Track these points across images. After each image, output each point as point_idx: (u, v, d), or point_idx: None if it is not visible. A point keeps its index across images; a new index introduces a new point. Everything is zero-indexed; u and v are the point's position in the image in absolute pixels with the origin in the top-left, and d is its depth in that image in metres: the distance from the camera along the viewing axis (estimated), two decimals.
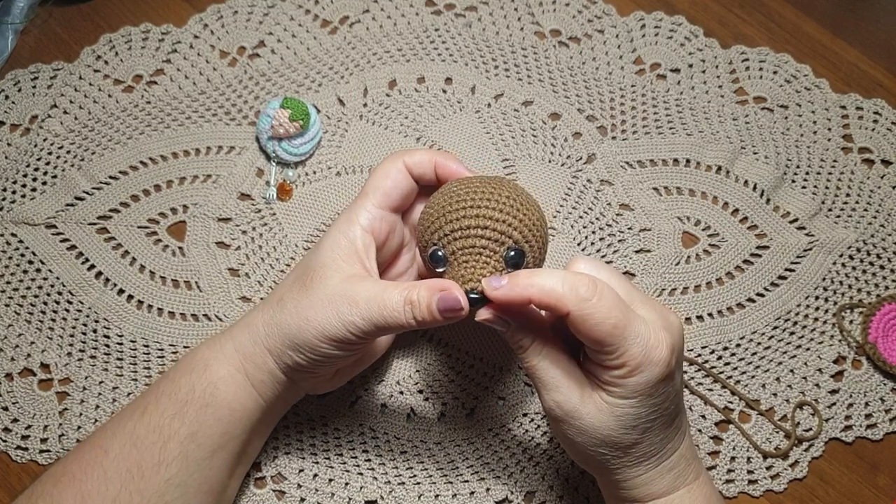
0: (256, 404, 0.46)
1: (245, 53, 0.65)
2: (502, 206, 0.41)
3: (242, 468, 0.49)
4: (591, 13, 0.66)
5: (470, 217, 0.41)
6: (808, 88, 0.64)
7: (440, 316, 0.40)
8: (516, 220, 0.41)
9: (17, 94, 0.63)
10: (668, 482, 0.42)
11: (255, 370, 0.45)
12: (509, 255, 0.40)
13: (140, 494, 0.42)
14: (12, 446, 0.53)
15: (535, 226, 0.41)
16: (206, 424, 0.44)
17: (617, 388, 0.39)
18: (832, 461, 0.54)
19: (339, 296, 0.42)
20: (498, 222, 0.40)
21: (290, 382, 0.47)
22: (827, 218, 0.60)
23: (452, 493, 0.52)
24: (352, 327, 0.42)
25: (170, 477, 0.43)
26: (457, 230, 0.41)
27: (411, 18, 0.66)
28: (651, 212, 0.60)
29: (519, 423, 0.54)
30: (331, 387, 0.50)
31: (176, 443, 0.43)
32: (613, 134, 0.62)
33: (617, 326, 0.37)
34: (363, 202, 0.46)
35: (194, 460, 0.43)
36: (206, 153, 0.61)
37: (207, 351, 0.46)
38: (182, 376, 0.45)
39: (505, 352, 0.56)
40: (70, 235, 0.58)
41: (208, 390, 0.44)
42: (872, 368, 0.56)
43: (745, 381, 0.56)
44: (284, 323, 0.44)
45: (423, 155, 0.46)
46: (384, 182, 0.46)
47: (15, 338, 0.56)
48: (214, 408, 0.44)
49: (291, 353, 0.44)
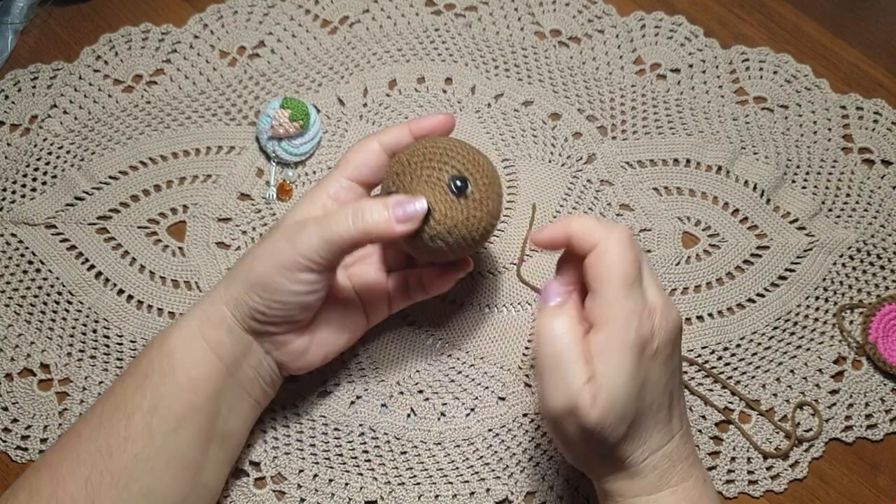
0: (216, 369, 0.45)
1: (245, 53, 0.65)
2: (444, 147, 0.46)
3: (219, 450, 0.47)
4: (591, 13, 0.66)
5: (419, 157, 0.46)
6: (808, 88, 0.64)
7: (391, 213, 0.43)
8: (458, 156, 0.46)
9: (17, 94, 0.63)
10: (651, 482, 0.42)
11: (213, 330, 0.46)
12: (455, 183, 0.45)
13: (110, 473, 0.42)
14: (12, 446, 0.53)
15: (475, 161, 0.46)
16: (166, 395, 0.44)
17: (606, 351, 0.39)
18: (832, 461, 0.54)
19: (290, 227, 0.45)
20: (442, 157, 0.46)
21: (250, 342, 0.46)
22: (827, 218, 0.60)
23: (452, 493, 0.52)
24: (303, 248, 0.43)
25: (137, 452, 0.43)
26: (409, 169, 0.46)
27: (411, 18, 0.66)
28: (651, 212, 0.60)
29: (519, 423, 0.54)
30: (304, 363, 0.49)
31: (139, 417, 0.43)
32: (613, 134, 0.62)
33: (636, 263, 0.40)
34: (333, 174, 0.48)
35: (159, 433, 0.43)
36: (206, 153, 0.61)
37: (169, 326, 0.47)
38: (144, 354, 0.46)
39: (505, 352, 0.56)
40: (70, 235, 0.58)
41: (166, 360, 0.45)
42: (872, 369, 0.56)
43: (745, 382, 0.56)
44: (240, 268, 0.46)
45: (397, 130, 0.48)
46: (355, 157, 0.48)
47: (15, 338, 0.56)
48: (173, 377, 0.44)
49: (247, 299, 0.45)
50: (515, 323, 0.57)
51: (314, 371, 0.54)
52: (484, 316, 0.57)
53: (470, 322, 0.56)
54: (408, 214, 0.43)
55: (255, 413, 0.50)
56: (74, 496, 0.42)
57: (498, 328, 0.57)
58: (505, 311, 0.57)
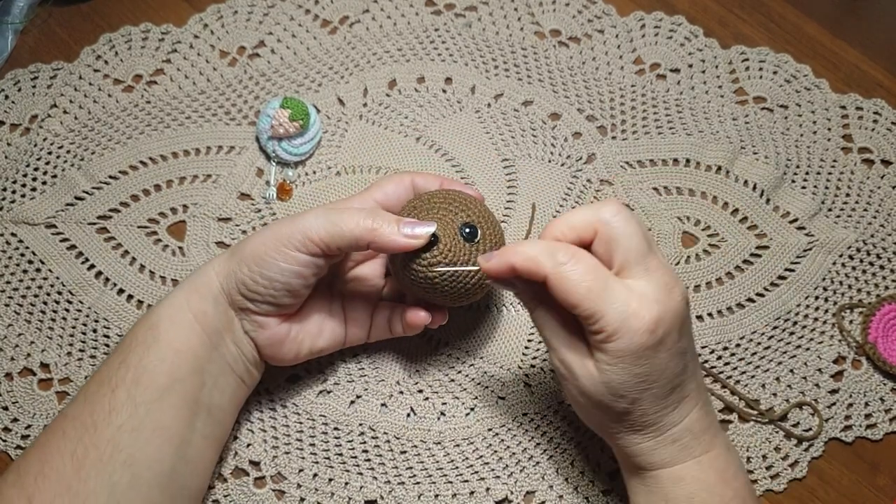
0: (200, 340, 0.46)
1: (245, 53, 0.65)
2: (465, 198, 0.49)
3: (204, 425, 0.47)
4: (591, 13, 0.66)
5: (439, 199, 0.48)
6: (808, 88, 0.64)
7: (400, 226, 0.44)
8: (476, 209, 0.48)
9: (17, 93, 0.63)
10: (673, 453, 0.43)
11: (199, 300, 0.46)
12: (466, 229, 0.46)
13: (95, 446, 0.43)
14: (12, 446, 0.53)
15: (490, 220, 0.48)
16: (149, 367, 0.44)
17: (602, 353, 0.40)
18: (832, 461, 0.54)
19: (300, 212, 0.46)
20: (461, 205, 0.48)
21: (232, 316, 0.47)
22: (827, 218, 0.60)
23: (452, 493, 0.52)
24: (305, 226, 0.44)
25: (121, 423, 0.43)
26: (427, 206, 0.48)
27: (411, 18, 0.66)
28: (651, 212, 0.60)
29: (519, 423, 0.54)
30: (276, 353, 0.49)
31: (123, 389, 0.44)
32: (613, 134, 0.62)
33: (591, 290, 0.39)
34: (363, 193, 0.51)
35: (143, 403, 0.44)
36: (206, 153, 0.61)
37: (158, 302, 0.48)
38: (131, 330, 0.47)
39: (505, 352, 0.56)
40: (70, 235, 0.58)
41: (150, 333, 0.45)
42: (872, 368, 0.56)
43: (745, 381, 0.56)
44: (241, 245, 0.47)
45: (431, 177, 0.51)
46: (388, 185, 0.51)
47: (15, 338, 0.56)
48: (156, 349, 0.45)
49: (236, 269, 0.46)
50: (515, 323, 0.57)
51: (314, 371, 0.55)
52: (484, 316, 0.57)
53: (470, 322, 0.56)
54: (415, 232, 0.45)
55: (241, 392, 0.50)
56: (60, 470, 0.42)
57: (498, 328, 0.57)
58: (505, 311, 0.57)
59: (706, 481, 0.42)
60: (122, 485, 0.42)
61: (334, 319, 0.51)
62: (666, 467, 0.43)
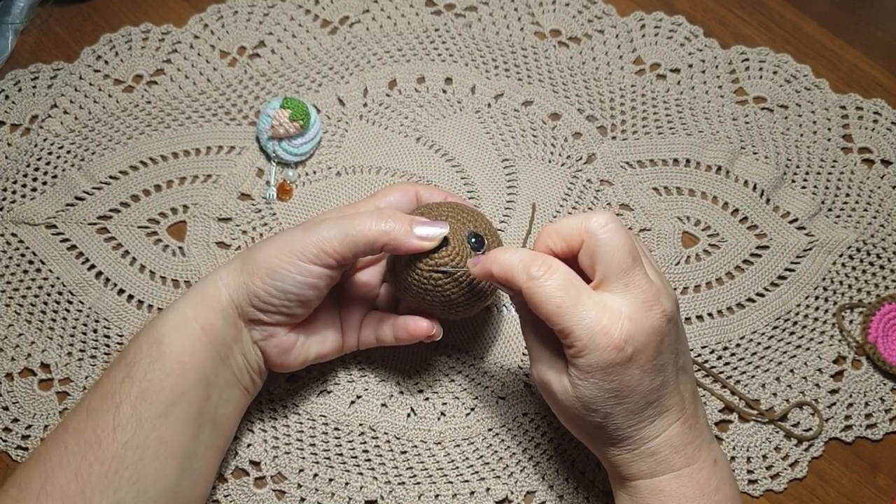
0: (207, 353, 0.45)
1: (245, 53, 0.65)
2: (472, 211, 0.49)
3: (209, 436, 0.47)
4: (591, 13, 0.66)
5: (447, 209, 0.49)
6: (807, 88, 0.64)
7: (413, 225, 0.45)
8: (482, 222, 0.49)
9: (17, 94, 0.63)
10: (651, 465, 0.43)
11: (206, 312, 0.45)
12: (473, 238, 0.47)
13: (100, 463, 0.42)
14: (12, 446, 0.53)
15: (495, 235, 0.49)
16: (155, 381, 0.44)
17: (574, 367, 0.41)
18: (832, 461, 0.54)
19: (307, 222, 0.46)
20: (468, 217, 0.48)
21: (241, 328, 0.47)
22: (827, 218, 0.60)
23: (452, 493, 0.53)
24: (319, 238, 0.44)
25: (126, 440, 0.43)
26: (435, 214, 0.48)
27: (411, 18, 0.66)
28: (651, 212, 0.60)
29: (519, 423, 0.54)
30: (285, 361, 0.49)
31: (128, 405, 0.43)
32: (613, 134, 0.63)
33: (560, 307, 0.40)
34: (367, 200, 0.51)
35: (148, 419, 0.43)
36: (206, 153, 0.61)
37: (160, 312, 0.47)
38: (133, 342, 0.46)
39: (505, 352, 0.56)
40: (70, 235, 0.58)
41: (155, 346, 0.45)
42: (872, 368, 0.56)
43: (745, 381, 0.56)
44: (248, 253, 0.47)
45: (437, 191, 0.52)
46: (393, 193, 0.51)
47: (15, 338, 0.56)
48: (162, 362, 0.44)
49: (249, 281, 0.45)
50: (515, 323, 0.57)
51: (314, 371, 0.55)
52: (484, 316, 0.57)
53: (470, 322, 0.56)
54: (428, 232, 0.45)
55: (244, 401, 0.50)
56: (64, 488, 0.42)
57: (498, 328, 0.57)
58: (505, 311, 0.57)
59: (685, 495, 0.42)
60: (126, 502, 0.42)
61: (336, 325, 0.51)
62: (645, 479, 0.43)
